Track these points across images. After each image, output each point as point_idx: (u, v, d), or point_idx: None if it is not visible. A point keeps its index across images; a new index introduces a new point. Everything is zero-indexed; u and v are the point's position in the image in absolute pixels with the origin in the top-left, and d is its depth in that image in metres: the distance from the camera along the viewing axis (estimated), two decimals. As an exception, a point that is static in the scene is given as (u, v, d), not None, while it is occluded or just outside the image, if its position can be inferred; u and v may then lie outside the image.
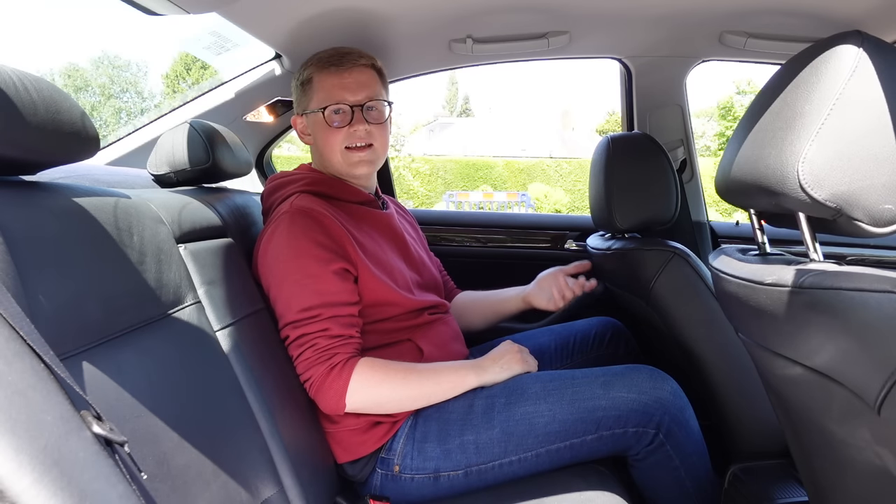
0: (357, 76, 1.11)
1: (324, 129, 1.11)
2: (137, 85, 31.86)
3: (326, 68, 1.11)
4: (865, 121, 0.57)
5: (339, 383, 0.94)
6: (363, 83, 1.11)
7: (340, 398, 0.95)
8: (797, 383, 0.66)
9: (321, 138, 1.12)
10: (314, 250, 0.98)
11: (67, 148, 0.70)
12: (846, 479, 0.67)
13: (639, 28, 1.43)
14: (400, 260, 1.17)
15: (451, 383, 1.02)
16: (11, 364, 0.43)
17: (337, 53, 1.12)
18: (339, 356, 0.96)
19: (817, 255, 0.65)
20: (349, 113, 1.10)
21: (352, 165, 1.12)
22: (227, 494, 0.74)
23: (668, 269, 1.20)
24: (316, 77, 1.12)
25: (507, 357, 1.08)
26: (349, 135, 1.10)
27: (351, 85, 1.10)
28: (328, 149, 1.12)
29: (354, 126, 1.10)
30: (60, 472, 0.40)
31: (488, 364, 1.06)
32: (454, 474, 1.02)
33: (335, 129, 1.10)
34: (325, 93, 1.10)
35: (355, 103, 1.10)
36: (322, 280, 0.97)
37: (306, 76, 1.14)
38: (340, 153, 1.11)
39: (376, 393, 0.97)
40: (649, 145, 1.31)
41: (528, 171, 19.69)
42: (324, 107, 1.10)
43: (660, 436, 1.02)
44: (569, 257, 1.93)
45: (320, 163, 1.17)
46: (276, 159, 2.05)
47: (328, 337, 0.96)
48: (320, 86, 1.11)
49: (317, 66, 1.12)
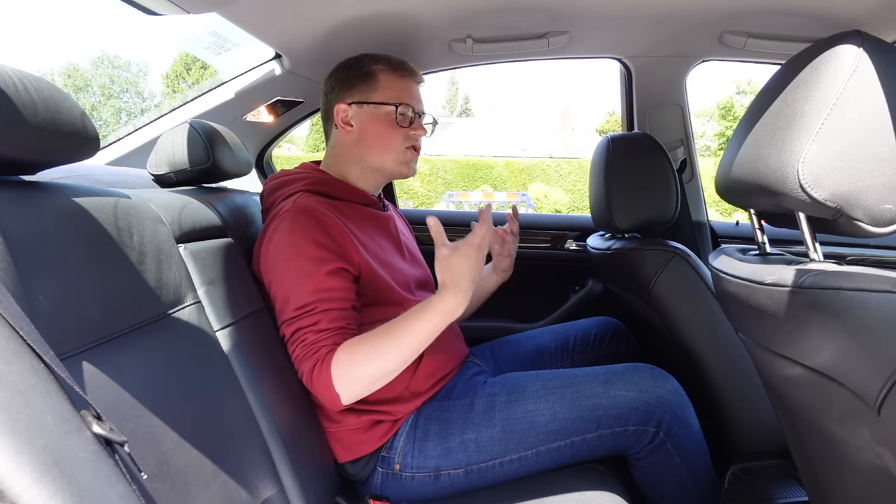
0: (419, 90, 1.19)
1: (387, 124, 1.13)
2: (137, 85, 31.89)
3: (398, 71, 1.15)
4: (865, 121, 0.57)
5: (324, 376, 0.91)
6: (421, 98, 1.19)
7: (331, 390, 0.91)
8: (797, 383, 0.66)
9: (380, 132, 1.13)
10: (313, 250, 0.98)
11: (67, 148, 0.70)
12: (846, 479, 0.67)
13: (639, 28, 1.43)
14: (400, 260, 1.17)
15: (427, 333, 0.93)
16: (11, 364, 0.43)
17: (407, 62, 1.18)
18: (323, 349, 0.92)
19: (817, 255, 0.65)
20: (412, 118, 1.15)
21: (404, 164, 1.16)
22: (227, 494, 0.74)
23: (668, 269, 1.20)
24: (384, 75, 1.14)
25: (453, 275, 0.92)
26: (410, 137, 1.15)
27: (416, 94, 1.18)
28: (386, 144, 1.13)
29: (415, 130, 1.16)
30: (60, 472, 0.40)
31: (447, 294, 0.92)
32: (455, 473, 1.02)
33: (399, 127, 1.13)
34: (395, 92, 1.14)
35: (419, 111, 1.16)
36: (318, 278, 0.97)
37: (371, 70, 1.15)
38: (400, 151, 1.14)
39: (360, 372, 0.91)
40: (649, 145, 1.31)
41: (528, 171, 19.69)
42: (397, 103, 1.13)
43: (660, 434, 1.02)
44: (569, 257, 1.94)
45: (346, 158, 1.16)
46: (276, 159, 2.05)
47: (316, 331, 0.94)
48: (389, 84, 1.14)
49: (387, 65, 1.15)
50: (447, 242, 0.92)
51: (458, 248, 0.91)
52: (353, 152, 1.15)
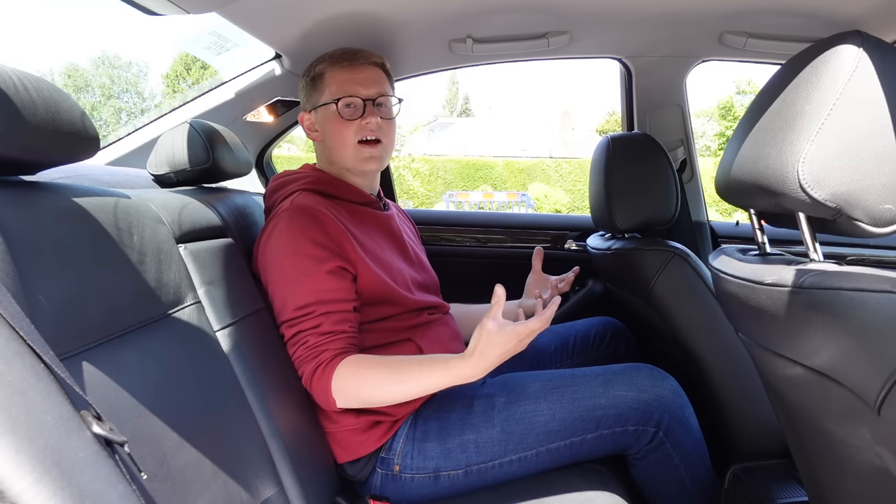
0: (368, 73, 1.14)
1: (335, 121, 1.11)
2: (137, 85, 31.89)
3: (339, 63, 1.13)
4: (865, 121, 0.57)
5: (323, 382, 0.93)
6: (374, 79, 1.14)
7: (328, 396, 0.94)
8: (797, 383, 0.66)
9: (332, 131, 1.12)
10: (311, 249, 0.98)
11: (67, 148, 0.70)
12: (846, 479, 0.67)
13: (639, 28, 1.43)
14: (399, 260, 1.17)
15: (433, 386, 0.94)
16: (11, 364, 0.43)
17: (349, 51, 1.15)
18: (326, 353, 0.94)
19: (817, 255, 0.65)
20: (361, 106, 1.11)
21: (363, 161, 1.12)
22: (227, 494, 0.74)
23: (668, 269, 1.20)
24: (328, 72, 1.13)
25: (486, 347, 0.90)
26: (361, 128, 1.11)
27: (363, 80, 1.12)
28: (340, 142, 1.12)
29: (367, 119, 1.11)
30: (60, 472, 0.40)
31: (469, 361, 0.91)
32: (454, 474, 1.02)
33: (347, 121, 1.11)
34: (338, 86, 1.12)
35: (367, 97, 1.12)
36: (317, 278, 0.97)
37: (317, 72, 1.15)
38: (353, 147, 1.11)
39: (357, 392, 0.94)
40: (649, 145, 1.31)
41: (528, 171, 19.69)
42: (336, 99, 1.11)
43: (659, 434, 1.02)
44: (569, 257, 1.94)
45: (327, 159, 1.17)
46: (276, 159, 2.05)
47: (318, 334, 0.95)
48: (332, 80, 1.13)
49: (329, 62, 1.14)
50: (498, 316, 0.89)
51: (505, 328, 0.88)
52: (326, 155, 1.17)
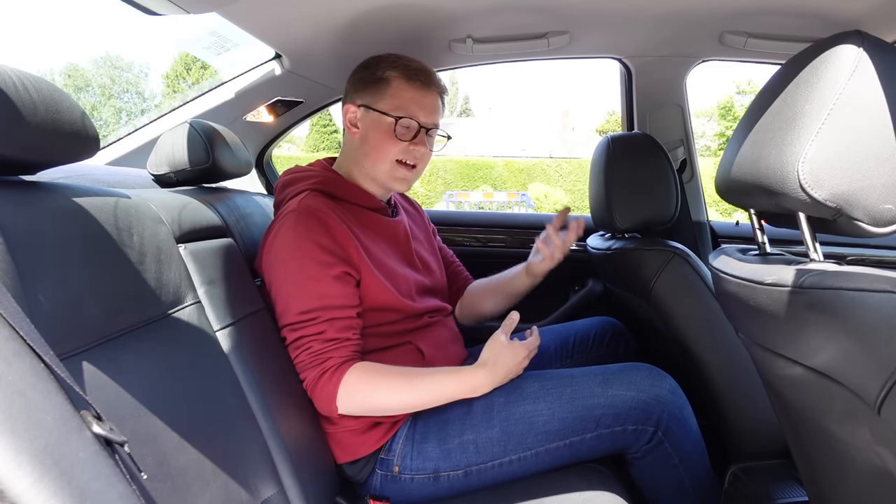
0: (434, 100, 1.12)
1: (386, 135, 1.09)
2: (138, 85, 31.90)
3: (411, 80, 1.10)
4: (865, 121, 0.57)
5: (328, 389, 0.95)
6: (437, 109, 1.13)
7: (331, 403, 0.95)
8: (797, 383, 0.66)
9: (377, 141, 1.09)
10: (316, 252, 0.98)
11: (67, 148, 0.70)
12: (846, 479, 0.67)
13: (639, 28, 1.43)
14: (405, 266, 1.16)
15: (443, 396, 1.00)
16: (11, 364, 0.43)
17: (425, 70, 1.12)
18: (331, 360, 0.95)
19: (817, 255, 0.65)
20: (415, 130, 1.10)
21: (395, 180, 1.11)
22: (227, 494, 0.74)
23: (668, 269, 1.20)
24: (397, 82, 1.10)
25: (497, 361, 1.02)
26: (406, 150, 1.09)
27: (428, 106, 1.11)
28: (380, 153, 1.09)
29: (416, 145, 1.10)
30: (60, 472, 0.40)
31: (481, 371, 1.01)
32: (454, 474, 1.02)
33: (397, 140, 1.09)
34: (402, 102, 1.09)
35: (425, 125, 1.11)
36: (322, 283, 0.97)
37: (385, 75, 1.10)
38: (390, 164, 1.10)
39: (365, 401, 0.97)
40: (649, 145, 1.31)
41: (528, 171, 19.69)
42: (399, 116, 1.08)
43: (658, 433, 1.02)
44: (569, 257, 1.93)
45: (354, 160, 1.14)
46: (276, 159, 2.05)
47: (323, 341, 0.96)
48: (399, 93, 1.09)
49: (402, 72, 1.10)
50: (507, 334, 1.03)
51: (514, 344, 1.03)
52: (355, 154, 1.14)
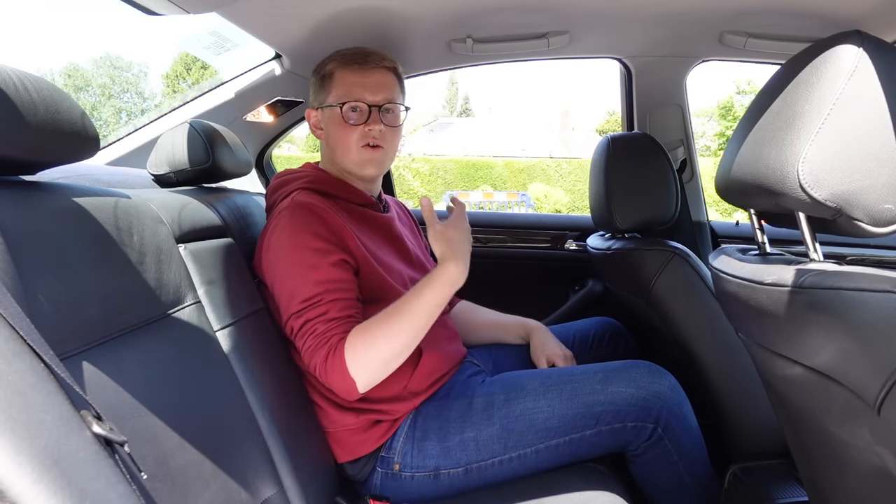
0: (378, 77, 1.12)
1: (339, 125, 1.10)
2: (138, 85, 31.90)
3: (349, 65, 1.12)
4: (865, 120, 0.57)
5: (339, 363, 0.90)
6: (383, 84, 1.12)
7: (347, 377, 0.90)
8: (797, 383, 0.66)
9: (335, 134, 1.12)
10: (314, 242, 0.98)
11: (67, 148, 0.70)
12: (846, 479, 0.67)
13: (639, 28, 1.43)
14: (399, 261, 1.17)
15: (434, 305, 0.96)
16: (11, 364, 0.43)
17: (361, 52, 1.13)
18: (335, 338, 0.92)
19: (817, 255, 0.65)
20: (366, 112, 1.10)
21: (362, 164, 1.12)
22: (227, 494, 0.74)
23: (668, 269, 1.20)
24: (337, 73, 1.12)
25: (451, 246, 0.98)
26: (364, 134, 1.10)
27: (371, 85, 1.11)
28: (342, 145, 1.11)
29: (370, 125, 1.10)
30: (60, 472, 0.40)
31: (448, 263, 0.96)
32: (454, 472, 1.02)
33: (351, 126, 1.10)
34: (345, 89, 1.11)
35: (373, 103, 1.10)
36: (322, 270, 0.97)
37: (327, 70, 1.13)
38: (355, 151, 1.10)
39: (372, 358, 0.92)
40: (649, 145, 1.31)
41: (528, 171, 19.68)
42: (342, 102, 1.10)
43: (658, 430, 1.02)
44: (569, 257, 1.94)
45: (329, 159, 1.16)
46: (276, 159, 2.05)
47: (326, 321, 0.93)
48: (341, 81, 1.11)
49: (340, 61, 1.12)
50: (437, 220, 1.00)
51: (450, 221, 1.01)
52: (329, 154, 1.16)
